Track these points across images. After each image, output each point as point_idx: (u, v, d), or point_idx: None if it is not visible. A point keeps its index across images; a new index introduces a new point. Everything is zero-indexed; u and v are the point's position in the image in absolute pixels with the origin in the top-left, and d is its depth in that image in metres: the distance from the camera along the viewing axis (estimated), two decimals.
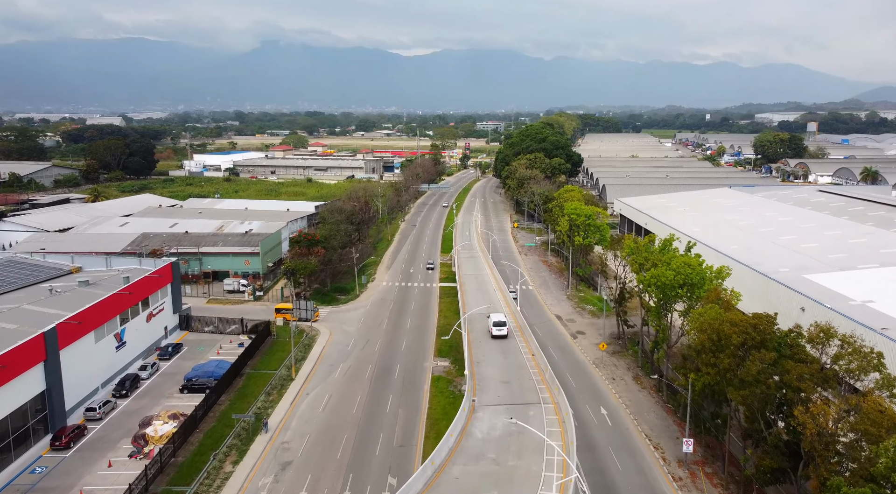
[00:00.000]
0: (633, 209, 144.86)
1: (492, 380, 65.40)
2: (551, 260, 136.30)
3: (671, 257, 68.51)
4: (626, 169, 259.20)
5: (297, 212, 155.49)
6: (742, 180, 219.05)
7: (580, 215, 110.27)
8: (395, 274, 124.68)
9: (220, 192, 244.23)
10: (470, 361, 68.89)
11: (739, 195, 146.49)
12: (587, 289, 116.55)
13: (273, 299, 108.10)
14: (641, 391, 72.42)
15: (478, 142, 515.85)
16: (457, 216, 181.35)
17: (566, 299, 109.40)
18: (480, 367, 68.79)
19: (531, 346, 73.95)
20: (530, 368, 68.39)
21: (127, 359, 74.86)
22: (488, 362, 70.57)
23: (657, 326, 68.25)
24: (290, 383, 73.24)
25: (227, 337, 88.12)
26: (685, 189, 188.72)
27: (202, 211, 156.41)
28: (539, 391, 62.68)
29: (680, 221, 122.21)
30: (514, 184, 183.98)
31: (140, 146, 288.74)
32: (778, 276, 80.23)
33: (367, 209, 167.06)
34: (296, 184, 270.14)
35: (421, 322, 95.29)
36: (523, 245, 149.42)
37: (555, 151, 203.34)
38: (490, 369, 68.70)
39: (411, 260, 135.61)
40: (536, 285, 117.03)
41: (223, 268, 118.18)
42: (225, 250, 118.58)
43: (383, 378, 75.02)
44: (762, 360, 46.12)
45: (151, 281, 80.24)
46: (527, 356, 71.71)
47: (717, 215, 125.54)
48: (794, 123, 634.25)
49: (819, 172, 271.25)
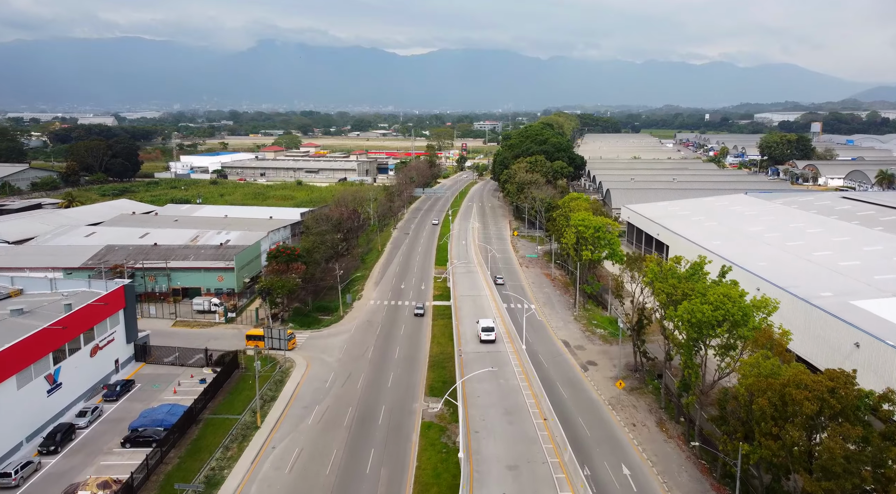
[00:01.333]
0: (642, 218, 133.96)
1: (494, 462, 51.02)
2: (555, 273, 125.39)
3: (706, 288, 57.60)
4: (630, 172, 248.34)
5: (280, 220, 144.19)
6: (753, 185, 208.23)
7: (588, 226, 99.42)
8: (385, 291, 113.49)
9: (204, 196, 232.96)
10: (466, 432, 54.76)
11: (757, 203, 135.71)
12: (596, 308, 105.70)
13: (247, 321, 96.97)
14: (668, 442, 61.54)
15: (475, 142, 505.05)
16: (453, 223, 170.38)
17: (573, 320, 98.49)
18: (480, 441, 54.42)
19: (543, 408, 60.28)
20: (543, 443, 54.40)
21: (62, 404, 63.67)
22: (489, 431, 56.27)
23: (688, 367, 57.38)
24: (254, 432, 62.18)
25: (188, 370, 77.00)
26: (694, 194, 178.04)
27: (178, 219, 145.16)
28: (557, 484, 47.84)
29: (697, 233, 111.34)
30: (513, 189, 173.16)
31: (123, 147, 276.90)
32: (821, 302, 69.40)
33: (356, 217, 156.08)
34: (285, 187, 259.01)
35: (411, 352, 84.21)
36: (524, 256, 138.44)
37: (556, 153, 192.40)
38: (492, 445, 53.78)
39: (402, 274, 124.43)
40: (540, 303, 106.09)
41: (194, 285, 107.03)
42: (196, 265, 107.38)
43: (365, 426, 64.00)
44: (846, 437, 35.31)
45: (96, 310, 69.08)
46: (538, 422, 57.96)
47: (737, 226, 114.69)
48: (794, 123, 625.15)
49: (829, 175, 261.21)
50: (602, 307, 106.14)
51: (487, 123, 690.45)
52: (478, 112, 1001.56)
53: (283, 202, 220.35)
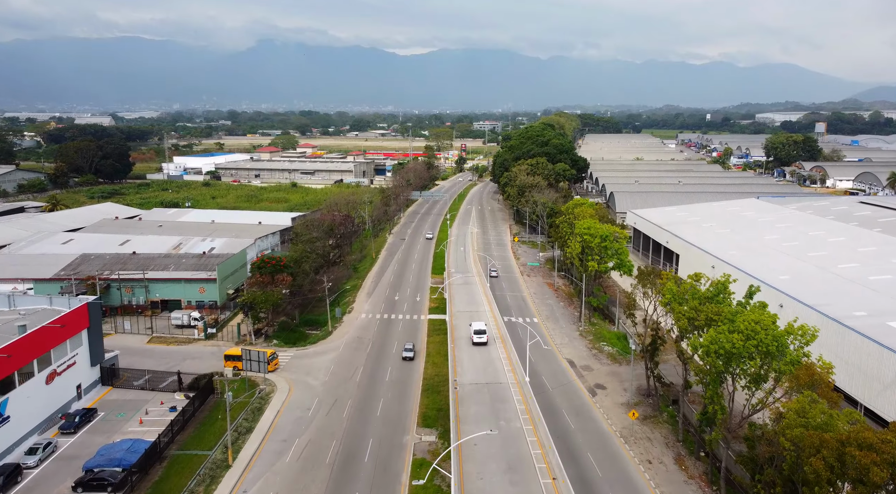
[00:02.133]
0: (650, 224, 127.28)
1: None
2: (558, 283, 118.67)
3: (733, 312, 50.90)
4: (634, 174, 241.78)
5: (269, 226, 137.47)
6: (763, 188, 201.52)
7: (594, 235, 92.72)
8: (377, 303, 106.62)
9: (195, 199, 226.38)
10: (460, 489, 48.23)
11: (770, 208, 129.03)
12: (602, 321, 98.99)
13: (229, 337, 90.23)
14: (689, 483, 54.85)
15: (475, 142, 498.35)
16: (451, 228, 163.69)
17: (579, 336, 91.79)
18: None
19: (551, 462, 52.64)
20: None
21: (9, 441, 56.94)
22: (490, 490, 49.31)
23: (713, 402, 50.63)
24: (224, 472, 55.45)
25: (159, 396, 70.29)
26: (702, 198, 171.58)
27: (163, 225, 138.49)
28: None
29: (710, 241, 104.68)
30: (513, 192, 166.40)
31: (114, 148, 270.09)
32: (856, 324, 62.74)
33: (349, 222, 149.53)
34: (279, 189, 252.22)
35: (403, 374, 77.42)
36: (525, 264, 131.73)
37: (558, 155, 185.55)
38: None
39: (397, 284, 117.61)
40: (543, 316, 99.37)
41: (174, 297, 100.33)
42: (176, 276, 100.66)
43: (349, 464, 57.27)
44: None
45: (53, 332, 62.31)
46: (546, 482, 50.09)
47: (752, 234, 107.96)
48: (797, 123, 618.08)
49: (837, 177, 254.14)
50: (609, 321, 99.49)
51: (487, 123, 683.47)
52: (477, 112, 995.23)
53: (277, 205, 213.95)
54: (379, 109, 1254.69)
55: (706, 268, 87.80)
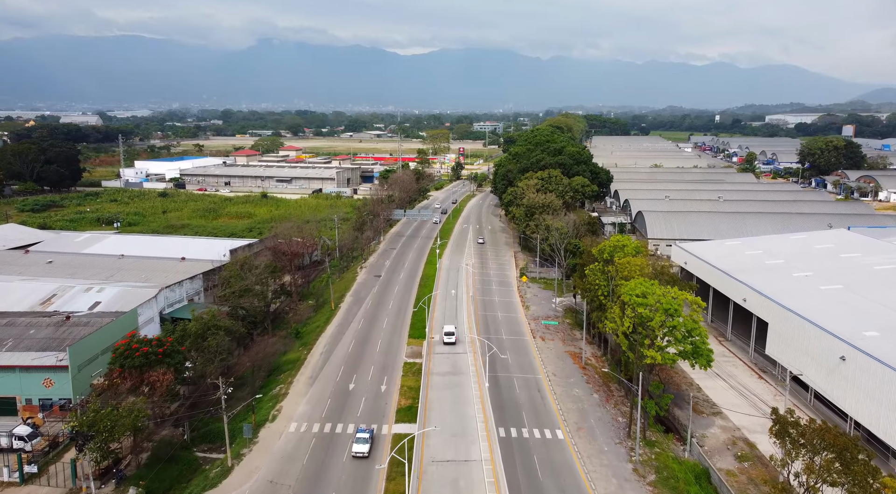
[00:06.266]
0: (712, 268, 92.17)
1: None
2: (586, 352, 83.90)
3: None
4: (658, 185, 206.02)
5: (193, 264, 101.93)
6: (823, 206, 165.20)
7: (654, 307, 58.39)
8: (321, 397, 70.99)
9: (145, 212, 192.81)
10: None
11: (877, 246, 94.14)
12: (665, 438, 64.20)
13: (60, 477, 55.55)
14: None
15: (474, 144, 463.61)
16: (440, 260, 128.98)
17: (631, 472, 57.20)
18: None
19: None
20: None
21: None
22: None
23: None
24: None
25: None
26: (759, 222, 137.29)
27: (53, 260, 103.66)
28: None
29: (818, 304, 69.95)
30: (520, 213, 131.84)
31: (58, 152, 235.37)
32: None
33: (311, 251, 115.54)
34: (247, 200, 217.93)
35: None
36: (538, 321, 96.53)
37: (575, 166, 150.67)
38: None
39: (358, 357, 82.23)
40: (570, 425, 64.69)
41: (6, 394, 65.84)
42: (6, 362, 66.06)
43: None
44: None
45: None
46: None
47: (879, 292, 72.96)
48: (812, 125, 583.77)
49: (891, 188, 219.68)
50: (675, 435, 64.88)
51: (487, 123, 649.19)
52: (478, 112, 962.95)
53: (237, 222, 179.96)
54: (378, 109, 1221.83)
55: (825, 355, 59.57)
